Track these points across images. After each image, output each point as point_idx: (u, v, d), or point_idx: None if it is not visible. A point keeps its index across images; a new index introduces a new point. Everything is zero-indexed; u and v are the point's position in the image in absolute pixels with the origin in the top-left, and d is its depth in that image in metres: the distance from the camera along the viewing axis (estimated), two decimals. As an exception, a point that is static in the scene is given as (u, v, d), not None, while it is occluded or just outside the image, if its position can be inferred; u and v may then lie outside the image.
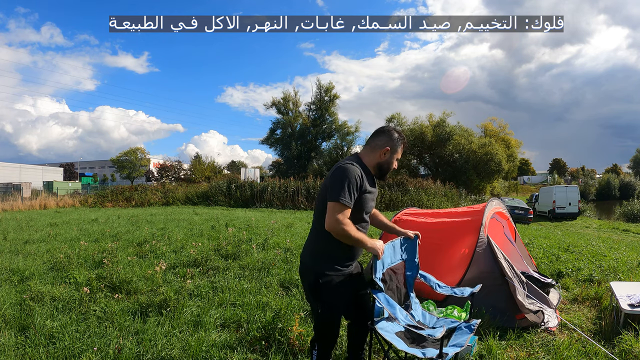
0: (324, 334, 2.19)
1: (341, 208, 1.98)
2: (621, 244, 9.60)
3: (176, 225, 10.29)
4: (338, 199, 1.98)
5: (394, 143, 2.22)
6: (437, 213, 4.83)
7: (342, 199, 1.98)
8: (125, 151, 55.30)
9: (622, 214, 23.72)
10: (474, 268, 3.69)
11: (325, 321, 2.17)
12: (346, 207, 1.99)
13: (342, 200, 1.98)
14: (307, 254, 2.19)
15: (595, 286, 4.63)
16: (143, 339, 2.96)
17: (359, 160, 2.20)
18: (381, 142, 2.21)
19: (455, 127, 33.38)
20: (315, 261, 2.13)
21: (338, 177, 2.04)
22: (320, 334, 2.20)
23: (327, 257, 2.10)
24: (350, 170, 2.04)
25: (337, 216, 1.97)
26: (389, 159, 2.22)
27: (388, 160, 2.22)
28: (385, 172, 2.24)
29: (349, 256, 2.16)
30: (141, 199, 22.68)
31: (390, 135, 2.22)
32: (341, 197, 1.98)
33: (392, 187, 20.93)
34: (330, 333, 2.20)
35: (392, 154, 2.22)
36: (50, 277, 4.85)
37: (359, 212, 2.11)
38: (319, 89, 37.95)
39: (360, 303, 2.28)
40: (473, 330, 2.30)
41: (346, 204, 1.99)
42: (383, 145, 2.20)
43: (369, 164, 2.21)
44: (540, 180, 71.32)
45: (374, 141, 2.23)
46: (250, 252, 5.95)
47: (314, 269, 2.10)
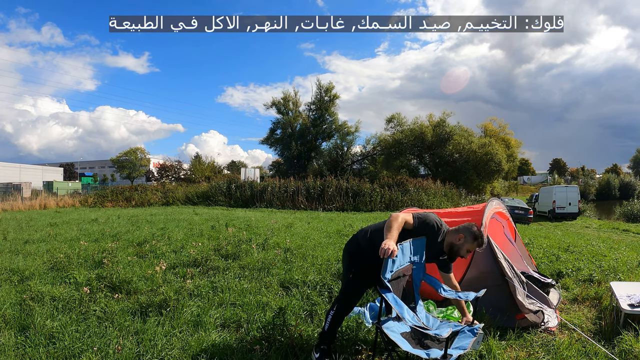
0: (345, 297, 2.65)
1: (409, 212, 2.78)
2: (621, 244, 9.60)
3: (176, 225, 10.28)
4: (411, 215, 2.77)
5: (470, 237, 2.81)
6: (437, 213, 4.83)
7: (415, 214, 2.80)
8: (125, 151, 55.32)
9: (622, 214, 23.71)
10: (474, 268, 3.69)
11: (351, 287, 2.65)
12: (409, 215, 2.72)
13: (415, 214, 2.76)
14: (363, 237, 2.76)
15: (595, 286, 4.63)
16: (143, 339, 2.96)
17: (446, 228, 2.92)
18: (463, 232, 2.82)
19: (455, 127, 33.37)
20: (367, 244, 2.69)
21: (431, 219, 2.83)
22: (343, 295, 2.66)
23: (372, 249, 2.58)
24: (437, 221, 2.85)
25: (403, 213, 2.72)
26: (461, 246, 2.81)
27: (459, 247, 2.81)
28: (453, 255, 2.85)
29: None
30: (141, 199, 22.67)
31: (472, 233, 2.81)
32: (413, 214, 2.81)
33: (392, 187, 20.93)
34: (351, 298, 2.65)
35: (464, 245, 2.82)
36: (50, 277, 4.84)
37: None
38: (319, 89, 37.95)
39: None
40: (476, 334, 2.30)
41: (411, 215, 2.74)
42: (462, 233, 2.81)
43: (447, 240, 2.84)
44: (540, 180, 71.32)
45: (460, 226, 2.87)
46: (250, 252, 5.95)
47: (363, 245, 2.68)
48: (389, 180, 22.49)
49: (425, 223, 2.71)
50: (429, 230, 2.70)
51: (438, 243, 2.77)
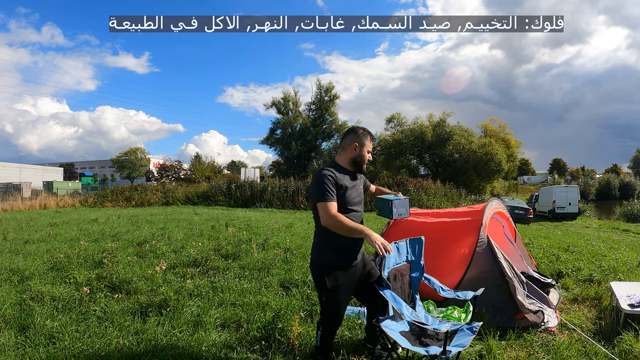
0: (327, 319, 2.48)
1: (327, 205, 2.29)
2: (621, 244, 9.61)
3: (176, 225, 10.28)
4: (321, 199, 2.31)
5: (360, 138, 2.52)
6: (437, 213, 4.83)
7: (325, 197, 2.30)
8: (125, 151, 55.31)
9: (622, 214, 23.72)
10: (474, 268, 3.69)
11: (329, 308, 2.44)
12: (330, 202, 2.30)
13: (326, 198, 2.30)
14: (313, 249, 2.52)
15: (595, 286, 4.63)
16: (143, 339, 2.96)
17: (334, 163, 2.53)
18: (349, 140, 2.53)
19: (455, 127, 33.36)
20: (319, 255, 2.45)
21: (315, 182, 2.38)
22: (324, 317, 2.49)
23: (328, 251, 2.40)
24: (322, 173, 2.38)
25: (327, 212, 2.28)
26: (360, 153, 2.51)
27: (359, 154, 2.51)
28: (360, 164, 2.53)
29: (349, 249, 2.42)
30: (141, 199, 22.68)
31: (355, 132, 2.54)
32: (323, 196, 2.31)
33: (392, 187, 20.93)
34: (333, 318, 2.48)
35: (362, 148, 2.51)
36: (50, 277, 4.84)
37: (345, 204, 2.40)
38: (319, 89, 37.98)
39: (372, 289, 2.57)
40: (475, 332, 2.31)
41: (329, 199, 2.30)
42: (351, 143, 2.51)
43: (345, 163, 2.53)
44: (540, 180, 71.32)
45: (343, 142, 2.57)
46: (250, 252, 5.95)
47: (318, 262, 2.43)
48: (389, 180, 22.49)
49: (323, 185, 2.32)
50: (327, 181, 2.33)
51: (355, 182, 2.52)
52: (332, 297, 2.40)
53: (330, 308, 2.44)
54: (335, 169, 2.45)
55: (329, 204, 2.29)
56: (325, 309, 2.47)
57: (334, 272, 2.38)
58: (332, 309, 2.45)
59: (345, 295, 2.48)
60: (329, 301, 2.42)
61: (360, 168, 2.55)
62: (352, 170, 2.54)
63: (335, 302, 2.42)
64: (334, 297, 2.41)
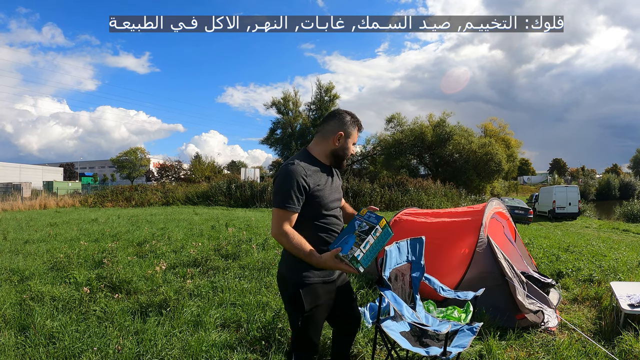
0: (303, 347, 1.97)
1: (285, 214, 1.81)
2: (621, 244, 9.60)
3: (176, 225, 10.29)
4: (279, 204, 1.82)
5: (347, 126, 1.99)
6: (437, 213, 4.83)
7: (283, 204, 1.81)
8: (125, 151, 55.32)
9: (622, 214, 23.71)
10: (474, 268, 3.69)
11: (306, 334, 1.94)
12: (288, 211, 1.81)
13: (285, 205, 1.80)
14: (283, 263, 1.98)
15: (595, 286, 4.63)
16: (143, 339, 2.96)
17: (306, 154, 1.98)
18: (332, 127, 1.99)
19: (455, 127, 33.35)
20: (292, 270, 1.91)
21: (279, 181, 1.86)
22: (299, 345, 1.97)
23: (305, 264, 1.86)
24: (289, 170, 1.84)
25: (279, 224, 1.81)
26: (344, 145, 1.99)
27: (343, 146, 1.99)
28: (342, 159, 2.02)
29: None
30: (141, 199, 22.68)
31: (342, 119, 1.99)
32: (282, 202, 1.81)
33: (392, 187, 20.94)
34: (310, 346, 1.97)
35: (347, 139, 1.99)
36: (50, 277, 4.84)
37: (317, 207, 1.90)
38: (319, 89, 37.95)
39: (346, 312, 2.14)
40: (475, 333, 2.31)
41: (289, 208, 1.81)
42: (335, 131, 1.98)
43: (322, 154, 1.99)
44: (540, 180, 71.31)
45: (325, 128, 2.00)
46: (250, 252, 5.95)
47: (292, 279, 1.90)
48: (389, 180, 22.51)
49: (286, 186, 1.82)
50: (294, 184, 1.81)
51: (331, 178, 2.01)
52: (310, 320, 1.91)
53: (307, 334, 1.93)
54: (307, 162, 1.91)
55: (286, 213, 1.81)
56: (299, 336, 1.95)
57: (313, 289, 1.89)
58: (310, 336, 1.94)
59: (324, 316, 2.01)
60: (307, 326, 1.91)
61: (340, 163, 2.03)
62: (328, 164, 2.02)
63: (314, 326, 1.94)
64: (313, 321, 1.92)
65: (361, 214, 1.88)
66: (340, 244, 1.79)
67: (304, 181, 1.83)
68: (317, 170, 1.93)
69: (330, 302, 2.00)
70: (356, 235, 1.79)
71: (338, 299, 2.05)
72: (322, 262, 1.78)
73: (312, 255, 1.79)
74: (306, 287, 1.88)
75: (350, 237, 1.79)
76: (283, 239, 1.81)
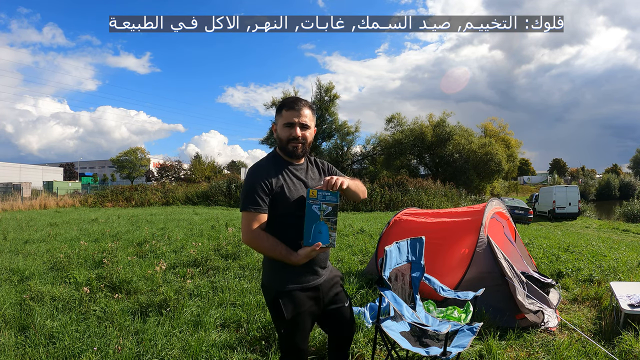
0: (290, 353, 1.90)
1: (252, 216, 1.75)
2: (621, 244, 9.60)
3: (176, 225, 10.29)
4: (245, 207, 1.77)
5: (276, 115, 1.90)
6: (437, 213, 4.83)
7: (247, 206, 1.76)
8: (126, 151, 55.37)
9: (622, 214, 23.72)
10: (473, 268, 3.69)
11: (292, 341, 1.87)
12: (257, 213, 1.76)
13: (249, 207, 1.75)
14: (264, 270, 1.92)
15: (595, 286, 4.63)
16: (143, 339, 2.96)
17: (273, 154, 1.94)
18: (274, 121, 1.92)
19: (455, 127, 33.39)
20: (272, 278, 1.85)
21: (243, 185, 1.83)
22: (286, 351, 1.90)
23: (284, 272, 1.80)
24: (252, 172, 1.82)
25: (248, 227, 1.75)
26: (279, 131, 1.88)
27: (279, 134, 1.87)
28: (286, 148, 1.86)
29: (309, 267, 1.84)
30: (141, 198, 22.69)
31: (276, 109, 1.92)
32: (246, 204, 1.76)
33: (392, 187, 20.93)
34: (297, 351, 1.90)
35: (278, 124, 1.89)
36: (50, 277, 4.84)
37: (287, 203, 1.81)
38: (319, 89, 37.93)
39: (337, 317, 2.05)
40: (475, 333, 2.31)
41: (256, 209, 1.75)
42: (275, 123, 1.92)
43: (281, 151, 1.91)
44: (540, 180, 71.32)
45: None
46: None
47: (271, 287, 1.84)
48: (389, 180, 22.49)
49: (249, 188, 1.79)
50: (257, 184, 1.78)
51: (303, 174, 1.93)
52: (293, 328, 1.83)
53: (292, 341, 1.85)
54: (271, 162, 1.87)
55: (253, 215, 1.75)
56: (285, 342, 1.87)
57: (295, 296, 1.81)
58: (296, 342, 1.86)
59: (310, 323, 1.91)
60: (291, 334, 1.84)
61: (291, 153, 1.85)
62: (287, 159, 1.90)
63: (299, 333, 1.85)
64: (297, 328, 1.84)
65: (313, 196, 1.74)
66: (317, 238, 1.73)
67: (266, 181, 1.78)
68: (282, 168, 1.86)
69: (314, 309, 1.90)
70: (324, 221, 1.74)
71: (325, 305, 1.97)
72: (300, 258, 1.75)
73: (289, 254, 1.76)
74: (286, 295, 1.81)
75: (321, 226, 1.74)
76: (255, 242, 1.76)
